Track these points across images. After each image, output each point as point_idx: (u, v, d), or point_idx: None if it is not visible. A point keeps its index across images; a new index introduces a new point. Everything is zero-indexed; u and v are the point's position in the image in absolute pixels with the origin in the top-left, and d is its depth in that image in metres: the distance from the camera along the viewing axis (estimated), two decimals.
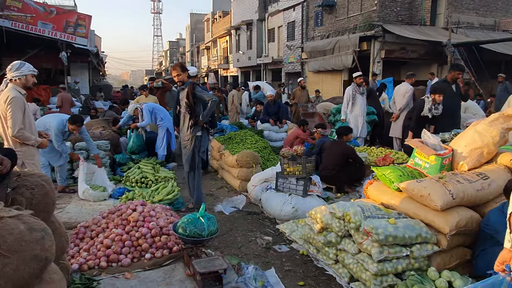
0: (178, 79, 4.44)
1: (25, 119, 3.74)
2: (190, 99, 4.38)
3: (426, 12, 16.01)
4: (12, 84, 3.70)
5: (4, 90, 3.68)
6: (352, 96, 7.45)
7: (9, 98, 3.59)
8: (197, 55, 46.80)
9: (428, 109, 5.81)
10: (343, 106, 7.65)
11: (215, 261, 3.02)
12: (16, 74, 3.69)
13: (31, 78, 3.81)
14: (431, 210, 2.97)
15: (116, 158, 6.55)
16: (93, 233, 3.58)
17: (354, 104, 7.45)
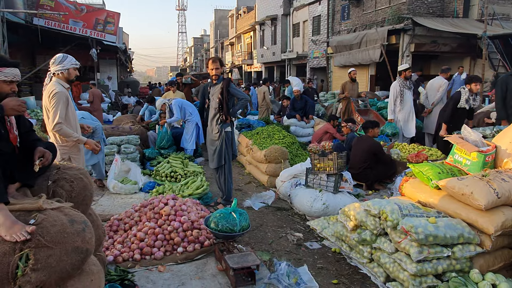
0: (215, 72, 4.39)
1: (68, 115, 3.65)
2: (225, 95, 4.34)
3: (459, 4, 15.37)
4: (55, 78, 3.61)
5: (48, 84, 3.63)
6: (400, 92, 6.78)
7: (53, 93, 3.50)
8: (221, 51, 46.98)
9: (465, 100, 5.54)
10: (390, 104, 6.98)
11: (247, 256, 2.99)
12: (59, 68, 3.59)
13: (73, 72, 3.72)
14: (473, 210, 2.84)
15: (146, 152, 6.64)
16: (126, 226, 3.64)
17: (403, 101, 6.79)
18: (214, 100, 4.47)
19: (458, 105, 5.62)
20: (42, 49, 15.52)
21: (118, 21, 18.07)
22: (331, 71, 20.31)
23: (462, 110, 5.66)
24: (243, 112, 11.29)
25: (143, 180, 5.51)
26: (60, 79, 3.64)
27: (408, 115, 6.84)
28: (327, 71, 20.76)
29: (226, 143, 4.48)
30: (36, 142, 2.33)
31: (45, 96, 3.58)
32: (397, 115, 6.87)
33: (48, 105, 3.56)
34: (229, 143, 4.52)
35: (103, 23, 17.34)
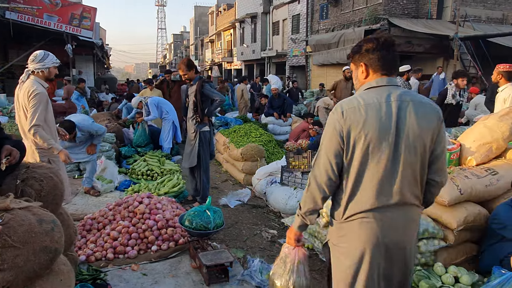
0: (184, 78, 4.45)
1: (48, 118, 3.47)
2: (198, 97, 4.36)
3: (433, 5, 15.82)
4: (34, 77, 3.41)
5: (25, 82, 3.41)
6: None
7: (34, 93, 3.31)
8: (201, 48, 46.68)
9: (451, 95, 5.50)
10: None
11: (221, 254, 3.03)
12: (39, 66, 3.40)
13: (54, 70, 3.53)
14: (438, 206, 2.96)
15: (122, 150, 6.57)
16: (100, 225, 3.61)
17: None
18: (191, 99, 4.48)
19: (445, 101, 5.55)
20: (14, 44, 15.02)
21: (95, 16, 17.67)
22: (310, 69, 20.54)
23: (450, 106, 5.57)
24: (222, 110, 11.30)
25: (119, 178, 5.45)
26: (39, 78, 3.45)
27: None
28: (306, 70, 20.98)
29: (202, 143, 4.49)
30: (4, 140, 2.29)
31: (23, 95, 3.36)
32: None
33: (27, 105, 3.36)
34: (206, 143, 4.53)
35: (79, 18, 16.92)
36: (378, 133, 1.62)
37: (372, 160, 1.64)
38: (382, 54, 1.74)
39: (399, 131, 1.64)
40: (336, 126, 1.66)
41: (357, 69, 1.81)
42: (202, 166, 4.56)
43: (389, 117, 1.64)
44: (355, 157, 1.65)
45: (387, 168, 1.64)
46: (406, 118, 1.66)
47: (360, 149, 1.64)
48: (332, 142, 1.68)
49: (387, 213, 1.66)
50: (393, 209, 1.67)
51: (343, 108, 1.67)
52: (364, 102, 1.66)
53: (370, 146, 1.63)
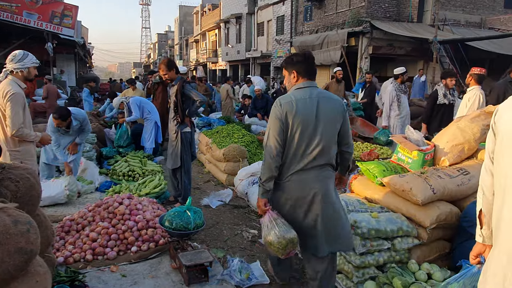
0: (165, 78, 4.42)
1: (25, 116, 3.47)
2: (179, 97, 4.35)
3: (414, 9, 16.16)
4: (11, 77, 3.40)
5: (2, 82, 3.39)
6: (396, 97, 6.40)
7: (9, 94, 3.29)
8: (186, 48, 46.42)
9: (443, 95, 5.52)
10: (385, 110, 6.52)
11: (201, 254, 3.05)
12: (18, 67, 3.40)
13: (33, 70, 3.53)
14: (412, 204, 3.05)
15: (103, 151, 6.50)
16: (79, 226, 3.57)
17: (400, 106, 6.44)
18: (172, 100, 4.48)
19: (438, 102, 5.58)
20: None
21: (77, 14, 17.38)
22: None
23: (443, 106, 5.55)
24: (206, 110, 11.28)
25: (99, 179, 5.40)
26: (18, 78, 3.43)
27: (405, 121, 6.48)
28: None
29: (184, 144, 4.49)
30: None
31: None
32: (393, 121, 6.51)
33: (3, 105, 3.35)
34: (188, 144, 4.53)
35: (60, 16, 16.60)
36: (305, 119, 2.37)
37: (301, 138, 2.38)
38: (307, 65, 2.49)
39: (318, 117, 2.40)
40: (277, 115, 2.39)
41: (289, 75, 2.54)
42: (184, 167, 4.56)
43: (312, 108, 2.40)
44: (290, 135, 2.39)
45: (310, 142, 2.39)
46: (323, 108, 2.41)
47: (293, 130, 2.37)
48: (276, 125, 2.38)
49: (310, 171, 2.43)
50: (313, 169, 2.43)
51: (281, 102, 2.41)
52: (295, 98, 2.41)
53: (300, 128, 2.37)
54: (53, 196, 4.51)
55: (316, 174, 2.43)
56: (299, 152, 2.39)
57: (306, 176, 2.42)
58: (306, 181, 2.42)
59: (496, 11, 18.62)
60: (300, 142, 2.38)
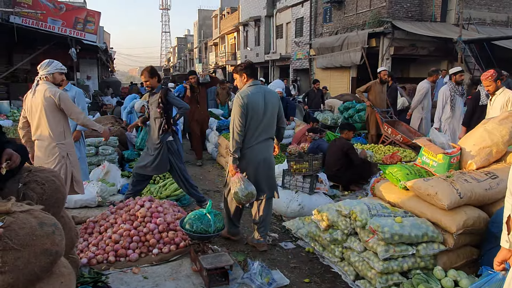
0: (146, 84, 4.38)
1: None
2: (164, 105, 4.31)
3: (437, 8, 15.80)
4: (43, 81, 3.79)
5: (38, 88, 3.76)
6: (450, 97, 6.04)
7: (58, 93, 3.73)
8: (205, 51, 46.85)
9: (485, 95, 5.29)
10: (438, 111, 6.15)
11: (221, 257, 3.05)
12: (44, 73, 3.79)
13: (58, 76, 3.88)
14: (438, 209, 2.96)
15: (125, 154, 6.61)
16: (101, 228, 3.63)
17: (453, 108, 6.06)
18: (153, 109, 4.39)
19: (480, 103, 5.38)
20: (19, 48, 15.17)
21: (99, 20, 17.83)
22: (313, 72, 20.55)
23: (486, 108, 5.23)
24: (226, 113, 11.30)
25: (121, 182, 5.49)
26: (49, 82, 3.81)
27: (458, 124, 6.05)
28: (310, 73, 20.99)
29: (172, 153, 4.44)
30: (5, 144, 2.33)
31: (41, 98, 3.71)
32: (444, 123, 6.15)
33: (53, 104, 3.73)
34: (177, 152, 4.48)
35: (83, 22, 17.07)
36: (257, 107, 3.38)
37: (255, 120, 3.39)
38: (251, 69, 3.56)
39: (266, 106, 3.42)
40: (240, 104, 3.34)
41: (240, 77, 3.53)
42: (183, 176, 4.51)
43: (261, 99, 3.42)
44: (248, 118, 3.37)
45: (261, 123, 3.43)
46: (267, 99, 3.45)
47: (250, 114, 3.36)
48: (239, 111, 3.34)
49: (260, 144, 3.48)
50: (262, 142, 3.49)
51: (242, 96, 3.36)
52: (250, 92, 3.40)
53: (254, 113, 3.37)
54: (85, 200, 4.64)
55: (264, 145, 3.52)
56: (253, 130, 3.42)
57: (258, 147, 3.48)
58: (258, 150, 3.49)
59: None
60: (254, 123, 3.40)
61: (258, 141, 3.47)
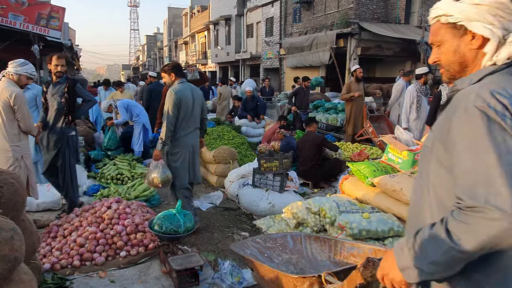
0: (62, 69, 4.03)
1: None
2: (70, 97, 4.06)
3: (401, 11, 16.32)
4: (6, 79, 3.70)
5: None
6: (416, 98, 6.11)
7: (15, 95, 3.59)
8: (175, 50, 46.18)
9: (446, 94, 5.28)
10: (405, 111, 6.25)
11: (191, 257, 3.01)
12: (12, 70, 3.72)
13: (24, 79, 3.80)
14: (403, 204, 3.06)
15: (91, 154, 6.41)
16: (66, 232, 3.50)
17: (420, 108, 6.15)
18: (54, 101, 4.05)
19: (441, 102, 5.53)
20: None
21: (63, 16, 17.14)
22: (283, 72, 20.72)
23: None
24: None
25: (87, 183, 5.31)
26: (12, 80, 3.72)
27: (423, 124, 6.13)
28: (280, 72, 21.15)
29: (71, 149, 4.17)
30: None
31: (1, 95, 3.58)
32: (412, 123, 6.23)
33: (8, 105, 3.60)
34: (75, 149, 4.25)
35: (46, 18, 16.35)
36: (187, 101, 3.79)
37: (186, 112, 3.80)
38: (178, 69, 3.94)
39: (194, 100, 3.86)
40: (174, 99, 3.70)
41: (169, 75, 3.88)
42: (72, 173, 4.22)
43: (190, 94, 3.84)
44: (180, 111, 3.75)
45: (191, 116, 3.85)
46: (194, 95, 3.89)
47: (182, 108, 3.75)
48: (173, 105, 3.69)
49: (190, 134, 3.89)
50: (192, 132, 3.91)
51: (175, 92, 3.74)
52: (181, 88, 3.80)
53: (185, 107, 3.77)
54: (48, 203, 4.46)
55: (193, 135, 3.93)
56: (184, 121, 3.81)
57: (188, 136, 3.87)
58: (188, 139, 3.87)
59: None
60: (185, 115, 3.79)
61: (189, 131, 3.88)
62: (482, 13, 1.11)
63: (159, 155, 3.73)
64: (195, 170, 4.00)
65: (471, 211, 0.97)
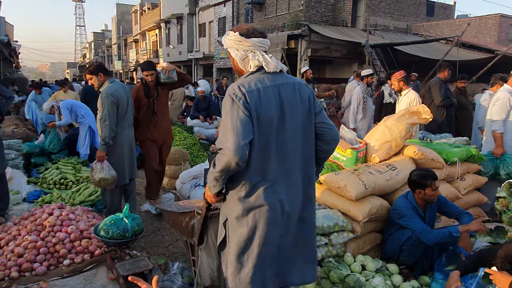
0: None
1: None
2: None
3: (348, 14, 17.04)
4: None
5: None
6: (363, 99, 6.28)
7: None
8: (124, 48, 44.58)
9: (388, 94, 5.80)
10: (352, 112, 6.40)
11: (139, 262, 2.95)
12: None
13: None
14: (347, 200, 3.21)
15: (32, 159, 6.02)
16: (2, 242, 3.27)
17: (366, 109, 6.31)
18: None
19: (384, 101, 5.87)
20: None
21: None
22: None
23: (390, 105, 5.69)
24: None
25: (27, 189, 4.98)
26: None
27: (370, 124, 6.36)
28: (233, 72, 21.19)
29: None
30: None
31: None
32: (358, 123, 6.41)
33: None
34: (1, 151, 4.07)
35: None
36: (123, 100, 3.85)
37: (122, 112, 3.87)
38: (105, 69, 3.94)
39: (127, 98, 3.96)
40: (111, 99, 3.73)
41: (97, 76, 3.86)
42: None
43: (124, 92, 3.90)
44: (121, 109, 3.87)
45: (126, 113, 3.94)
46: (127, 92, 3.99)
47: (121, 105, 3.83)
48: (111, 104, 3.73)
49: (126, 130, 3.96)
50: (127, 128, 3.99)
51: (111, 92, 3.74)
52: (115, 87, 3.83)
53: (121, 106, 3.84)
54: None
55: (128, 131, 3.99)
56: (121, 118, 3.86)
57: (124, 133, 3.90)
58: (124, 136, 3.92)
59: (420, 18, 20.26)
60: (122, 112, 3.85)
61: (124, 128, 3.92)
62: (231, 43, 2.00)
63: (103, 156, 3.71)
64: (133, 166, 4.10)
65: (220, 151, 1.80)
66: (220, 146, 1.79)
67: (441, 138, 5.06)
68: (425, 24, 19.54)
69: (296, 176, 1.94)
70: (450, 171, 3.70)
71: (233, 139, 1.72)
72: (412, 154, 3.68)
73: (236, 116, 1.76)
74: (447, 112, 5.74)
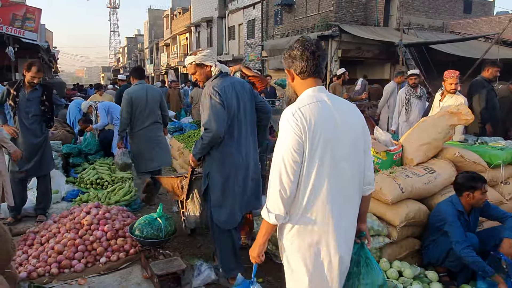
0: (37, 81, 4.15)
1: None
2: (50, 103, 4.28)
3: (380, 13, 16.64)
4: None
5: None
6: (406, 100, 6.07)
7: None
8: (156, 52, 45.70)
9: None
10: (395, 113, 6.30)
11: (173, 262, 2.98)
12: None
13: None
14: (382, 204, 3.11)
15: (70, 159, 6.26)
16: (43, 239, 3.41)
17: (409, 111, 6.05)
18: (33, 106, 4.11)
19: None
20: None
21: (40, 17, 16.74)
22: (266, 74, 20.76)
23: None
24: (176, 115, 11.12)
25: (66, 188, 5.19)
26: None
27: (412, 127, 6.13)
28: (263, 74, 21.21)
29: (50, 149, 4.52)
30: None
31: None
32: (402, 125, 6.18)
33: None
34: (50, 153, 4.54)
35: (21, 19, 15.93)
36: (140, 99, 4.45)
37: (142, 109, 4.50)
38: (137, 71, 4.76)
39: (147, 99, 4.50)
40: (126, 98, 4.39)
41: (131, 79, 4.59)
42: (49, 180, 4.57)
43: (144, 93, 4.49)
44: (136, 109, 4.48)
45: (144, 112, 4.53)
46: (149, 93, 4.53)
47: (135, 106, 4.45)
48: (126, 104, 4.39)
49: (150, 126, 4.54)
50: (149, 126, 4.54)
51: (128, 92, 4.43)
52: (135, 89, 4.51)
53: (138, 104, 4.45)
54: (25, 209, 4.33)
55: (152, 127, 4.50)
56: (141, 117, 4.42)
57: (148, 129, 4.45)
58: (148, 132, 4.46)
59: (456, 16, 19.49)
60: (140, 111, 4.39)
61: (145, 125, 4.44)
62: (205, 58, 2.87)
63: (118, 144, 4.64)
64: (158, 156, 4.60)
65: (205, 131, 2.71)
66: (206, 126, 2.70)
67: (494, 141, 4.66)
68: (462, 22, 18.77)
69: (249, 138, 2.92)
70: (493, 174, 3.50)
71: (216, 122, 2.67)
72: (452, 156, 3.52)
73: (212, 106, 2.70)
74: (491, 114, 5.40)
